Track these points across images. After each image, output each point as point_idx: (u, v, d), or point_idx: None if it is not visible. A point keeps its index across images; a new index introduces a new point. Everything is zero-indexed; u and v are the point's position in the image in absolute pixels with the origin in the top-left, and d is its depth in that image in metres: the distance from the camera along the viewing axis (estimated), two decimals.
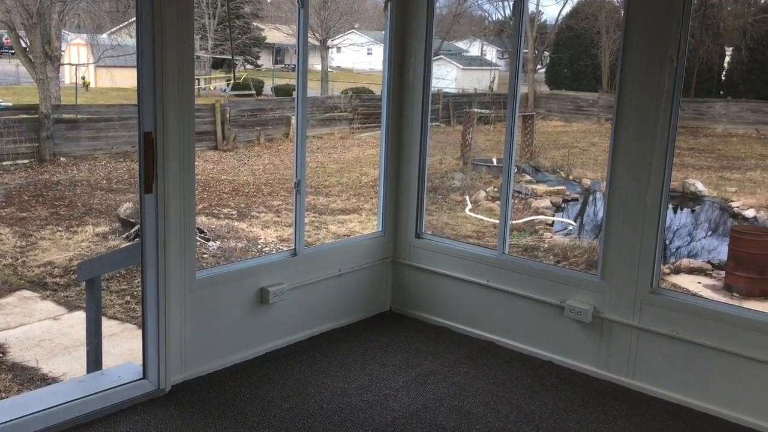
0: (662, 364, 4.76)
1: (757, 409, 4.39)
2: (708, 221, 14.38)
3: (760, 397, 4.38)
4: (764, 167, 16.06)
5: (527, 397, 4.70)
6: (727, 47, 22.33)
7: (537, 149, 17.00)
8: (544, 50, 27.39)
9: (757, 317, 4.56)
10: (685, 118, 20.87)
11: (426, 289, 5.96)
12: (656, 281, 4.84)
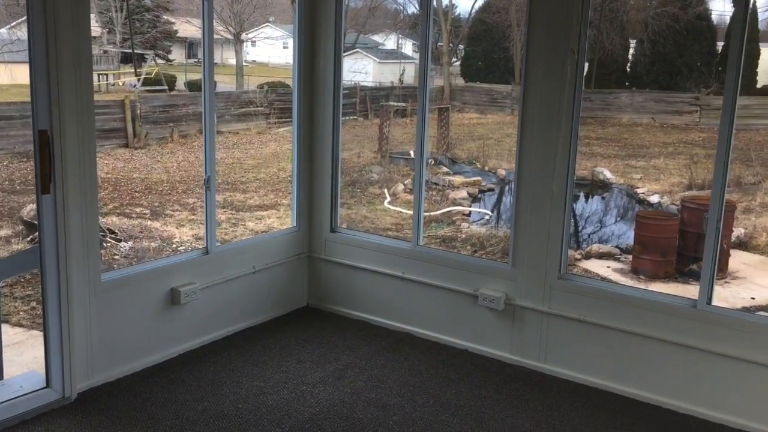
0: (571, 347, 4.92)
1: (661, 387, 4.59)
2: (617, 208, 14.91)
3: (663, 375, 4.58)
4: (667, 155, 16.79)
5: (443, 386, 4.76)
6: (631, 40, 23.25)
7: (453, 141, 17.22)
8: (458, 43, 27.77)
9: (658, 298, 4.77)
10: (594, 108, 21.57)
11: (342, 283, 5.94)
12: (564, 267, 4.99)
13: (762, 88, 22.75)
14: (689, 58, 22.30)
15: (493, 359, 5.18)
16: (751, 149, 16.14)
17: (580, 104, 4.82)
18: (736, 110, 4.39)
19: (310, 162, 6.00)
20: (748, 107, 19.87)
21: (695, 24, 21.75)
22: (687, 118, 20.43)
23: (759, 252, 10.23)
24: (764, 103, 20.36)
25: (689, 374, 4.49)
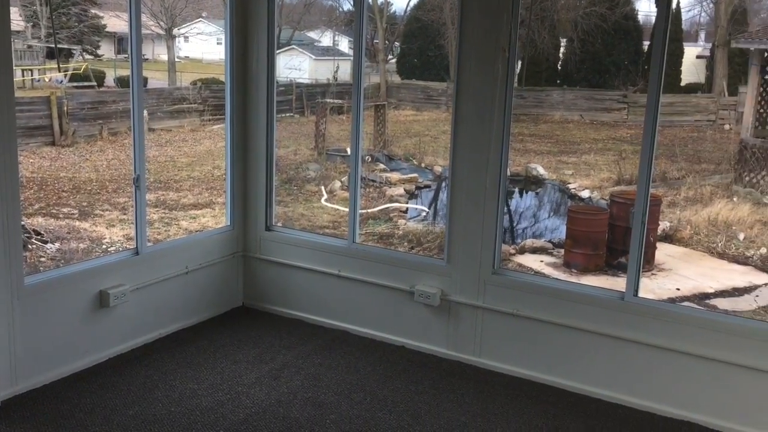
0: (506, 341, 5.00)
1: (591, 377, 4.72)
2: (550, 203, 15.24)
3: (593, 366, 4.71)
4: (597, 151, 17.25)
5: (380, 383, 4.77)
6: (562, 38, 23.80)
7: (390, 138, 17.28)
8: (394, 41, 27.86)
9: (588, 291, 4.90)
10: (527, 105, 22.00)
11: (278, 281, 5.89)
12: (498, 262, 5.06)
13: (686, 86, 23.63)
14: (617, 57, 22.98)
15: (430, 355, 5.22)
16: (675, 145, 16.74)
17: (511, 101, 4.90)
18: (659, 108, 4.52)
19: (243, 160, 5.91)
20: (673, 104, 20.62)
21: (622, 24, 22.44)
22: (615, 115, 21.06)
23: (683, 244, 10.61)
24: (688, 100, 21.16)
25: (617, 364, 4.62)
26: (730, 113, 19.61)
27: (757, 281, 9.12)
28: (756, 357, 4.19)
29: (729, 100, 20.01)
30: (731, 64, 20.89)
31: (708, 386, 4.37)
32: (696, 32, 27.43)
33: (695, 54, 24.82)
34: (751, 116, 12.76)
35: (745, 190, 12.35)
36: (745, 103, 13.25)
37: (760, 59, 12.71)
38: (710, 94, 21.42)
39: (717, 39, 21.45)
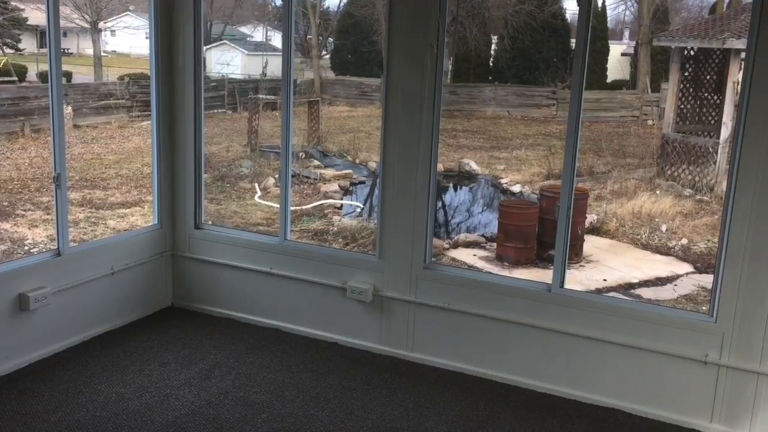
0: (438, 335, 5.04)
1: (520, 368, 4.81)
2: (483, 198, 15.46)
3: (522, 357, 4.80)
4: (528, 146, 17.62)
5: (313, 380, 4.74)
6: (493, 36, 24.20)
7: (324, 134, 17.21)
8: (328, 36, 27.76)
9: (517, 284, 4.98)
10: (460, 102, 22.29)
11: (208, 280, 5.78)
12: (429, 257, 5.10)
13: (611, 82, 24.39)
14: (546, 54, 23.52)
15: (363, 350, 5.22)
16: (602, 140, 17.23)
17: (441, 97, 4.94)
18: (582, 104, 4.62)
19: (171, 157, 5.77)
20: (600, 101, 21.24)
21: (551, 22, 22.99)
22: (545, 111, 21.54)
23: (610, 236, 10.92)
24: (613, 96, 21.84)
25: (546, 354, 4.73)
26: (653, 109, 20.32)
27: (678, 271, 9.47)
28: (676, 344, 4.35)
29: (652, 97, 20.74)
30: (654, 62, 21.66)
31: (632, 373, 4.51)
32: (621, 30, 28.32)
33: (620, 51, 25.64)
34: (672, 112, 13.23)
35: (667, 184, 12.81)
36: (667, 99, 13.73)
37: (680, 57, 13.19)
38: (634, 90, 22.16)
39: (640, 37, 22.20)
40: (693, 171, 12.59)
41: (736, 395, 4.25)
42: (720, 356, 4.25)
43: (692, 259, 9.78)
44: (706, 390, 4.31)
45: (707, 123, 13.50)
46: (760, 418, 4.20)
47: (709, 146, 12.31)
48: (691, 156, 12.64)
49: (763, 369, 4.15)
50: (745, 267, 4.14)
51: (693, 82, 13.46)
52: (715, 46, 12.59)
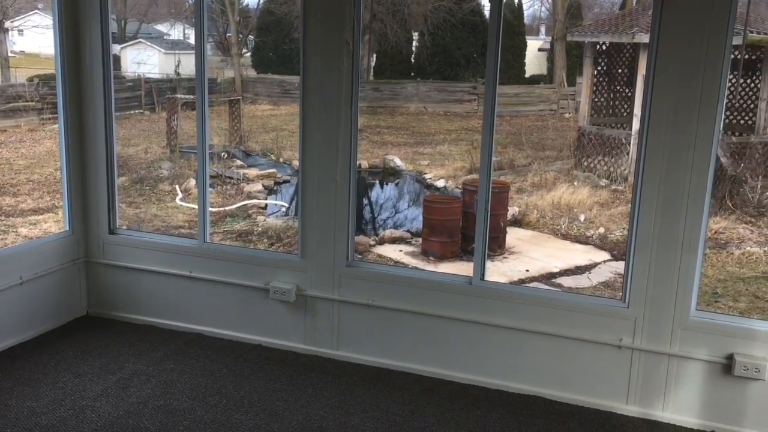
0: (363, 332, 5.04)
1: (444, 361, 4.85)
2: (408, 193, 15.58)
3: (446, 350, 4.84)
4: (451, 141, 17.85)
5: (237, 384, 4.66)
6: (414, 32, 24.40)
7: (246, 134, 16.96)
8: (248, 34, 27.36)
9: (438, 278, 5.04)
10: (383, 98, 22.40)
11: (125, 287, 5.60)
12: (352, 255, 5.09)
13: (530, 77, 24.97)
14: (466, 50, 23.87)
15: (288, 351, 5.17)
16: (522, 134, 17.62)
17: (357, 94, 4.92)
18: (496, 98, 4.70)
19: (81, 160, 5.55)
20: (519, 95, 21.72)
21: (470, 18, 23.33)
22: (467, 106, 21.86)
23: (531, 228, 11.19)
24: (532, 91, 22.37)
25: (469, 346, 4.79)
26: (569, 103, 20.91)
27: (596, 259, 9.79)
28: (592, 330, 4.48)
29: (568, 91, 21.34)
30: (569, 57, 22.30)
31: (551, 361, 4.62)
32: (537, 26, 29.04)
33: (537, 47, 26.28)
34: (587, 105, 13.65)
35: (584, 175, 13.22)
36: (582, 93, 14.15)
37: (593, 52, 13.62)
38: (552, 84, 22.76)
39: (555, 33, 22.82)
40: (608, 162, 13.02)
41: (649, 377, 4.41)
42: (633, 340, 4.41)
43: (609, 247, 10.12)
44: (621, 373, 4.46)
45: (620, 115, 13.99)
46: (671, 397, 4.38)
47: (623, 137, 12.76)
48: (606, 147, 13.07)
49: (673, 350, 4.32)
50: (653, 253, 4.30)
51: (606, 75, 13.93)
52: (625, 40, 13.05)
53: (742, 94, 12.97)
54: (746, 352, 4.18)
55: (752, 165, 11.55)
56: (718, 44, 4.01)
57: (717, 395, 4.29)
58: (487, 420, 4.34)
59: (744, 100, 12.98)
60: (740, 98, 12.98)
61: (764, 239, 9.92)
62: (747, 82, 12.90)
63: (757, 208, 10.72)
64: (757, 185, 10.90)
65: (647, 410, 4.44)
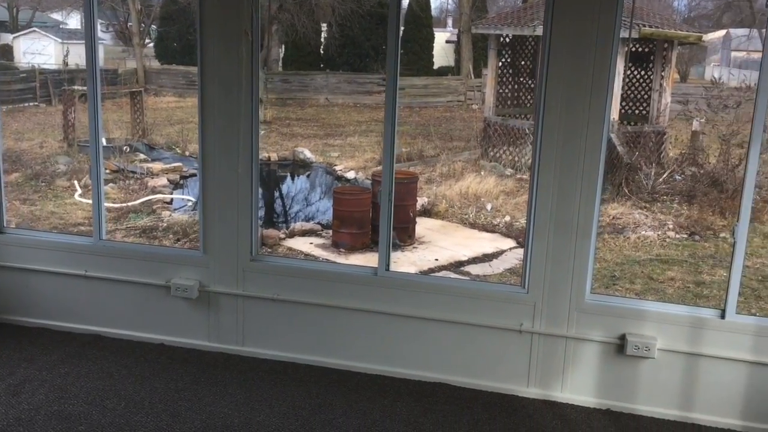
0: (268, 326, 4.98)
1: (351, 352, 4.86)
2: (319, 186, 15.50)
3: (353, 341, 4.85)
4: (361, 132, 17.86)
5: (137, 385, 4.51)
6: (322, 24, 24.24)
7: (150, 126, 16.42)
8: (151, 23, 26.47)
9: (344, 270, 5.05)
10: (292, 90, 22.17)
11: (15, 289, 5.31)
12: (256, 248, 5.00)
13: (438, 69, 25.30)
14: (375, 41, 23.91)
15: (191, 349, 5.04)
16: (431, 125, 17.83)
17: (258, 86, 4.84)
18: (397, 89, 4.72)
19: None
20: (428, 86, 21.97)
21: (377, 10, 23.37)
22: (377, 97, 21.92)
23: (440, 217, 11.34)
24: (440, 82, 22.67)
25: (375, 337, 4.81)
26: (476, 94, 21.31)
27: (503, 246, 10.02)
28: (494, 316, 4.58)
29: (475, 82, 21.74)
30: (475, 49, 22.71)
31: (455, 348, 4.70)
32: (445, 18, 29.44)
33: (445, 39, 26.64)
34: (492, 97, 13.94)
35: (491, 165, 13.51)
36: (487, 84, 14.44)
37: (497, 44, 13.91)
38: (459, 76, 23.14)
39: (461, 25, 23.18)
40: (513, 152, 13.35)
41: (548, 359, 4.55)
42: (533, 324, 4.54)
43: (515, 234, 10.38)
44: (521, 357, 4.59)
45: (524, 106, 14.36)
46: (569, 378, 4.54)
47: (526, 128, 13.10)
48: (511, 138, 13.39)
49: (570, 333, 4.48)
50: (550, 240, 4.44)
51: (510, 67, 14.25)
52: (527, 33, 13.40)
53: (636, 85, 13.56)
54: (637, 331, 4.37)
55: (646, 153, 12.11)
56: (607, 36, 4.16)
57: (611, 374, 4.47)
58: (394, 409, 4.37)
59: (638, 91, 13.57)
60: (635, 89, 13.57)
61: (658, 224, 10.42)
62: (641, 74, 13.50)
63: (651, 194, 11.24)
64: (651, 172, 11.42)
65: (547, 392, 4.59)
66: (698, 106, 12.62)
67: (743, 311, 7.13)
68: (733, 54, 24.51)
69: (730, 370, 4.27)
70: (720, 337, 4.26)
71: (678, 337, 4.32)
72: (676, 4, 26.70)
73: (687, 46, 18.48)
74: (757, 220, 10.10)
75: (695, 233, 9.93)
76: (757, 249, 9.25)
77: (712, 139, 12.05)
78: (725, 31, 24.20)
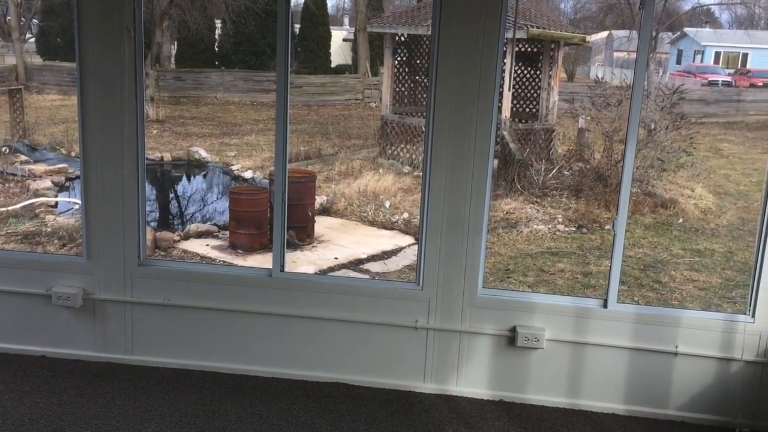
0: (159, 333, 4.80)
1: (248, 356, 4.76)
2: (216, 186, 15.16)
3: (249, 345, 4.75)
4: (258, 131, 17.58)
5: (16, 401, 4.25)
6: (216, 20, 23.69)
7: (31, 126, 15.53)
8: (32, 18, 25.06)
9: (237, 272, 4.95)
10: (186, 88, 21.55)
11: None
12: (144, 253, 4.82)
13: (336, 67, 25.29)
14: (271, 39, 23.60)
15: (76, 360, 4.80)
16: (329, 123, 17.79)
17: (143, 84, 4.66)
18: (289, 87, 4.67)
19: None
20: (325, 85, 21.92)
21: (273, 8, 23.09)
22: (274, 95, 21.63)
23: (340, 216, 11.33)
24: (338, 80, 22.65)
25: (271, 340, 4.73)
26: (373, 92, 21.43)
27: (401, 243, 10.13)
28: (391, 314, 4.61)
29: (373, 80, 21.85)
30: (372, 47, 22.84)
31: (352, 347, 4.69)
32: (342, 17, 29.45)
33: (342, 37, 26.66)
34: (389, 95, 14.05)
35: (389, 162, 13.63)
36: (383, 83, 14.54)
37: (393, 43, 14.03)
38: (357, 74, 23.20)
39: (358, 23, 23.26)
40: (410, 149, 13.51)
41: (443, 354, 4.62)
42: (428, 320, 4.59)
43: (413, 231, 10.51)
44: (418, 353, 4.64)
45: (421, 104, 14.55)
46: (464, 372, 4.62)
47: (422, 126, 13.26)
48: (408, 135, 13.55)
49: (463, 327, 4.56)
50: (443, 237, 4.50)
51: (406, 66, 14.41)
52: (421, 32, 13.58)
53: (526, 83, 14.01)
54: (527, 323, 4.51)
55: (537, 149, 12.55)
56: (492, 37, 4.25)
57: (503, 366, 4.59)
58: (290, 412, 4.32)
59: (528, 90, 14.04)
60: (525, 88, 14.02)
61: (548, 217, 10.82)
62: (530, 73, 13.96)
63: (542, 189, 11.66)
64: (541, 168, 11.84)
65: (443, 386, 4.66)
66: (583, 104, 13.18)
67: (627, 300, 7.53)
68: (615, 54, 25.80)
69: (613, 356, 4.48)
70: (603, 326, 4.45)
71: (565, 327, 4.49)
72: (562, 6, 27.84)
73: (573, 47, 19.31)
74: (639, 212, 10.68)
75: (583, 226, 10.38)
76: (639, 240, 9.78)
77: (597, 136, 12.62)
78: (608, 32, 25.44)
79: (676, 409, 4.47)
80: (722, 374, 4.39)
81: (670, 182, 11.69)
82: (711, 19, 27.38)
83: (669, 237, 10.00)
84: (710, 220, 10.87)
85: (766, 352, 4.32)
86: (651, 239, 9.86)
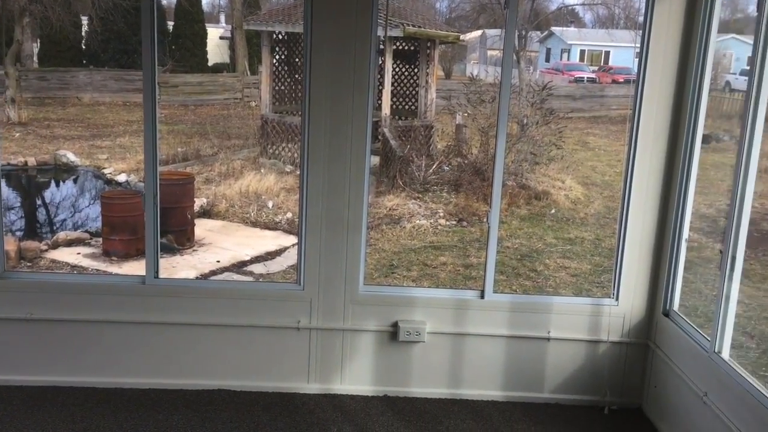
0: (21, 349, 4.49)
1: (120, 368, 4.54)
2: (88, 191, 14.42)
3: (121, 357, 4.54)
4: (132, 132, 16.85)
5: None
6: (82, 16, 22.48)
7: None
8: None
9: (108, 281, 4.72)
10: (51, 88, 20.31)
11: None
12: (3, 264, 4.49)
13: (213, 66, 24.65)
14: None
15: None
16: (207, 123, 17.33)
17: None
18: (156, 86, 4.48)
19: None
20: (203, 84, 21.32)
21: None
22: None
23: (221, 218, 11.07)
24: (215, 79, 22.09)
25: (146, 349, 4.54)
26: (253, 91, 21.06)
27: (285, 243, 10.02)
28: (272, 316, 4.53)
29: (251, 79, 21.47)
30: (250, 45, 22.43)
31: (233, 352, 4.58)
32: (217, 14, 28.78)
33: (219, 35, 26.04)
34: (268, 94, 13.86)
35: (270, 162, 13.44)
36: (262, 81, 14.33)
37: (270, 41, 13.83)
38: (235, 73, 22.72)
39: (234, 21, 22.78)
40: (292, 148, 13.39)
41: (326, 354, 4.60)
42: (310, 320, 4.55)
43: (297, 231, 10.45)
44: (301, 354, 4.59)
45: (301, 103, 14.47)
46: (348, 369, 4.62)
47: None
48: (289, 134, 13.42)
49: (346, 325, 4.56)
50: (323, 235, 4.47)
51: (286, 64, 14.26)
52: (298, 30, 13.48)
53: (404, 81, 14.22)
54: (408, 318, 4.56)
55: (417, 146, 12.76)
56: (365, 35, 4.26)
57: (386, 361, 4.63)
58: (170, 423, 4.16)
59: (406, 87, 14.25)
60: (403, 86, 14.23)
61: (430, 212, 11.04)
62: (408, 71, 14.18)
63: (423, 184, 11.88)
64: (422, 164, 12.06)
65: (327, 385, 4.64)
66: (460, 101, 13.53)
67: (506, 289, 7.81)
68: (489, 52, 26.70)
69: (491, 345, 4.62)
70: (481, 316, 4.58)
71: (445, 320, 4.58)
72: (438, 5, 28.48)
73: (449, 45, 19.78)
74: (515, 204, 11.10)
75: (463, 219, 10.67)
76: (516, 231, 10.16)
77: (474, 132, 12.99)
78: (481, 31, 26.27)
79: (551, 391, 4.67)
80: (591, 356, 4.62)
81: (542, 175, 12.21)
82: (575, 18, 28.86)
83: (543, 227, 10.45)
84: (579, 210, 11.45)
85: (629, 332, 4.59)
86: (527, 230, 10.27)
